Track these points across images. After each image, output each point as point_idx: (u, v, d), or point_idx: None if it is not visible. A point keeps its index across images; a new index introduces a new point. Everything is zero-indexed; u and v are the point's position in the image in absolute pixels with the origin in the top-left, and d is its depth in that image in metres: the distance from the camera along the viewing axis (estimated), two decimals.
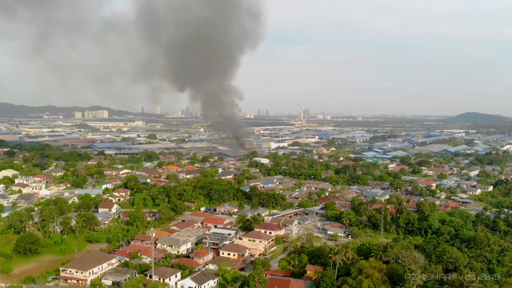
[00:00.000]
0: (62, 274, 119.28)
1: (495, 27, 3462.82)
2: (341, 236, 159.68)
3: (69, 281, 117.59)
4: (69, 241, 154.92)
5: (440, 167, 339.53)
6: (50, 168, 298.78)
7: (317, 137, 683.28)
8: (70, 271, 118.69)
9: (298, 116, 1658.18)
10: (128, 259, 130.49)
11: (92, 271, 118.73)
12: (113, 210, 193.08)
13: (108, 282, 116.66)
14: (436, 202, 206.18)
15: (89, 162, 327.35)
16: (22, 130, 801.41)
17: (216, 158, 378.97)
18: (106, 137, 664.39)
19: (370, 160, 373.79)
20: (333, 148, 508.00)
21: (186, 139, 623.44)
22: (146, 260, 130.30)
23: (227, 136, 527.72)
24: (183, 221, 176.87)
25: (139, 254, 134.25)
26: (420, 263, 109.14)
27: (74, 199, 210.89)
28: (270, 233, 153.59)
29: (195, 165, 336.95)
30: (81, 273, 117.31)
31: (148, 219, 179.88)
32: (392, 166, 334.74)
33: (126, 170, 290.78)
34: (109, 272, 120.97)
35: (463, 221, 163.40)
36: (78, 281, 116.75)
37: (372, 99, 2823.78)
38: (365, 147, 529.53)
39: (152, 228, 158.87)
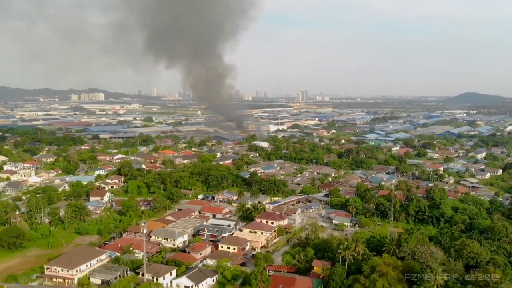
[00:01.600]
0: (46, 272, 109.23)
1: (494, 8, 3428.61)
2: (347, 225, 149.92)
3: (54, 279, 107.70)
4: (57, 233, 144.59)
5: (444, 149, 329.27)
6: (41, 153, 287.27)
7: (316, 119, 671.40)
8: (55, 269, 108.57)
9: (297, 98, 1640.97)
10: (119, 254, 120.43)
11: (80, 269, 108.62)
12: (106, 198, 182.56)
13: (97, 280, 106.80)
14: (445, 187, 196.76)
15: (83, 147, 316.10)
16: (17, 113, 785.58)
17: (214, 142, 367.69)
18: (102, 120, 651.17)
19: (373, 143, 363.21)
20: (333, 131, 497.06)
21: (183, 122, 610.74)
22: (139, 255, 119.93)
23: (225, 119, 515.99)
24: (180, 210, 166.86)
25: (131, 249, 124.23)
26: (438, 259, 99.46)
27: (64, 187, 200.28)
28: (272, 223, 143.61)
29: (193, 149, 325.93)
30: (67, 271, 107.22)
31: (142, 208, 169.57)
32: (395, 149, 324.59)
33: (120, 155, 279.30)
34: (98, 269, 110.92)
35: (477, 208, 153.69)
36: (64, 279, 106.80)
37: (371, 80, 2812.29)
38: (366, 129, 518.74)
39: (144, 221, 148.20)
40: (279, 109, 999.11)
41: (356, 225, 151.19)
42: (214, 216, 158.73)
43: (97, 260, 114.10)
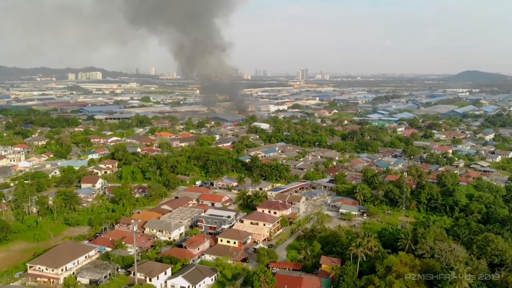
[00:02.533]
0: (30, 271, 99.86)
1: None
2: (355, 214, 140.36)
3: (38, 279, 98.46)
4: (45, 224, 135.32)
5: (451, 130, 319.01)
6: (33, 136, 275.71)
7: (317, 98, 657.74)
8: (39, 268, 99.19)
9: (296, 77, 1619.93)
10: (110, 250, 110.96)
11: (66, 267, 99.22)
12: (98, 185, 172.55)
13: (84, 280, 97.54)
14: (456, 172, 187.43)
15: (76, 129, 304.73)
16: (12, 93, 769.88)
17: (212, 123, 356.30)
18: (98, 100, 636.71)
19: (376, 124, 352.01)
20: (335, 111, 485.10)
21: (181, 102, 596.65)
22: (132, 250, 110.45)
23: (224, 98, 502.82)
24: (176, 197, 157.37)
25: (123, 243, 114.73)
26: (461, 257, 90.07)
27: (55, 172, 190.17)
28: (274, 213, 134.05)
29: (191, 131, 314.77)
30: (52, 270, 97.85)
31: (137, 195, 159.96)
32: (400, 130, 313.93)
33: (115, 138, 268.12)
34: (87, 267, 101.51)
35: (493, 196, 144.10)
36: (49, 279, 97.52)
37: (371, 58, 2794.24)
38: (369, 109, 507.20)
39: (139, 210, 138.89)
40: (279, 88, 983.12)
41: (364, 214, 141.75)
42: (213, 205, 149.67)
43: (85, 257, 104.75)
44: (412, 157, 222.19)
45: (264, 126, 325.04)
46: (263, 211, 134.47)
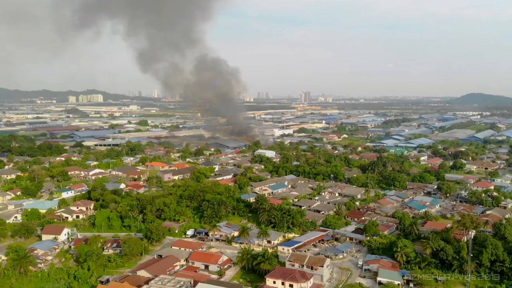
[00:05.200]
0: None
1: (497, 7, 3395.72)
2: (398, 284, 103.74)
3: None
4: None
5: (479, 159, 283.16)
6: (5, 167, 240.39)
7: (324, 122, 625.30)
8: None
9: (299, 99, 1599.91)
10: None
11: None
12: (63, 236, 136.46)
13: None
14: (508, 216, 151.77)
15: (58, 158, 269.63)
16: (6, 116, 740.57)
17: (212, 149, 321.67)
18: (94, 123, 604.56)
19: (394, 151, 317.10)
20: (345, 135, 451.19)
21: (181, 126, 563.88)
22: None
23: (226, 121, 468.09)
24: (160, 256, 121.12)
25: None
26: None
27: (16, 217, 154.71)
28: (291, 286, 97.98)
29: (187, 160, 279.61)
30: None
31: (110, 251, 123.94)
32: (424, 159, 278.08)
33: (97, 170, 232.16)
34: None
35: None
36: None
37: (373, 81, 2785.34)
38: (381, 134, 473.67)
39: (108, 278, 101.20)
40: (283, 110, 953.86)
41: (411, 284, 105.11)
42: (206, 267, 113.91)
43: None
44: (448, 195, 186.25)
45: (270, 153, 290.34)
46: (274, 282, 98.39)
